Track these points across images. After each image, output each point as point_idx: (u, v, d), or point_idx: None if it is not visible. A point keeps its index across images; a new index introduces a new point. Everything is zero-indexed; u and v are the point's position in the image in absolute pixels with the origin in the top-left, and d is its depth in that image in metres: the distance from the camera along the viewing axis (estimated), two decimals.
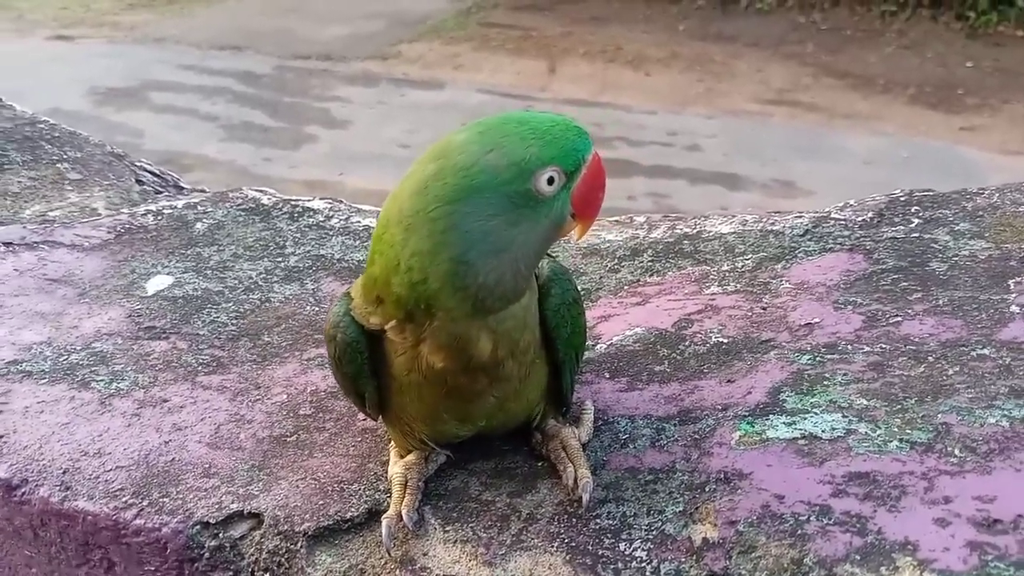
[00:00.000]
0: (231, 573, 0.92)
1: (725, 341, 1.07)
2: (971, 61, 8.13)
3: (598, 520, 0.84)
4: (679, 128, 6.91)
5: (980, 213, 1.22)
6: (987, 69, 7.99)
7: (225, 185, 1.74)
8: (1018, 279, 1.05)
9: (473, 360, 0.82)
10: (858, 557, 0.71)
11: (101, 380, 1.14)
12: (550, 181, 0.77)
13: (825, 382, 0.94)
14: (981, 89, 7.59)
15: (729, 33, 8.88)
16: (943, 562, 0.69)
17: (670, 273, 1.28)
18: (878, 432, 0.84)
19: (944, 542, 0.71)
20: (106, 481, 0.99)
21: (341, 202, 1.64)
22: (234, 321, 1.26)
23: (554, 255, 1.42)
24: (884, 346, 0.98)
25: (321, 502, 0.92)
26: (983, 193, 1.28)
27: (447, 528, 0.87)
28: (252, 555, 0.91)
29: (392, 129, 6.79)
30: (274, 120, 7.04)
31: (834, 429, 0.86)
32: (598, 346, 1.13)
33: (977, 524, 0.72)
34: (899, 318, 1.03)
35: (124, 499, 0.96)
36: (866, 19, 9.06)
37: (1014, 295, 1.02)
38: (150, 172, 1.81)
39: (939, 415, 0.85)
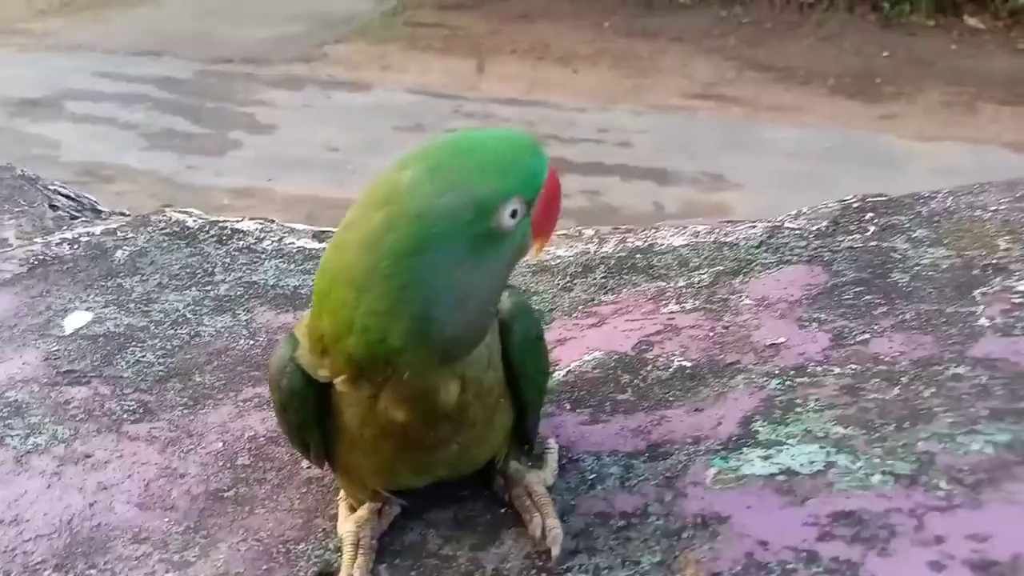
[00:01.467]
0: None
1: (688, 365, 1.02)
2: (887, 51, 8.32)
3: (569, 574, 0.78)
4: (609, 124, 6.92)
5: (936, 218, 1.20)
6: (902, 58, 8.18)
7: (149, 195, 1.64)
8: (984, 289, 1.03)
9: (439, 409, 0.75)
10: None
11: (16, 435, 1.04)
12: (513, 214, 0.70)
13: (798, 409, 0.89)
14: (897, 78, 7.77)
15: (654, 29, 8.93)
16: None
17: (625, 290, 1.23)
18: (859, 464, 0.80)
19: None
20: (24, 553, 0.89)
21: (272, 222, 1.55)
22: (161, 360, 1.17)
23: None
24: (855, 367, 0.94)
25: (265, 567, 0.84)
26: (936, 197, 1.26)
27: None
28: None
29: (320, 132, 6.65)
30: (197, 126, 6.83)
31: (812, 462, 0.81)
32: (556, 373, 1.07)
33: (973, 566, 0.68)
34: (867, 335, 0.99)
35: (45, 573, 0.87)
36: (785, 12, 9.21)
37: (982, 307, 1.00)
38: (64, 196, 1.69)
39: (920, 443, 0.81)
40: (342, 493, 0.89)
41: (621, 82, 7.79)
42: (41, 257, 1.43)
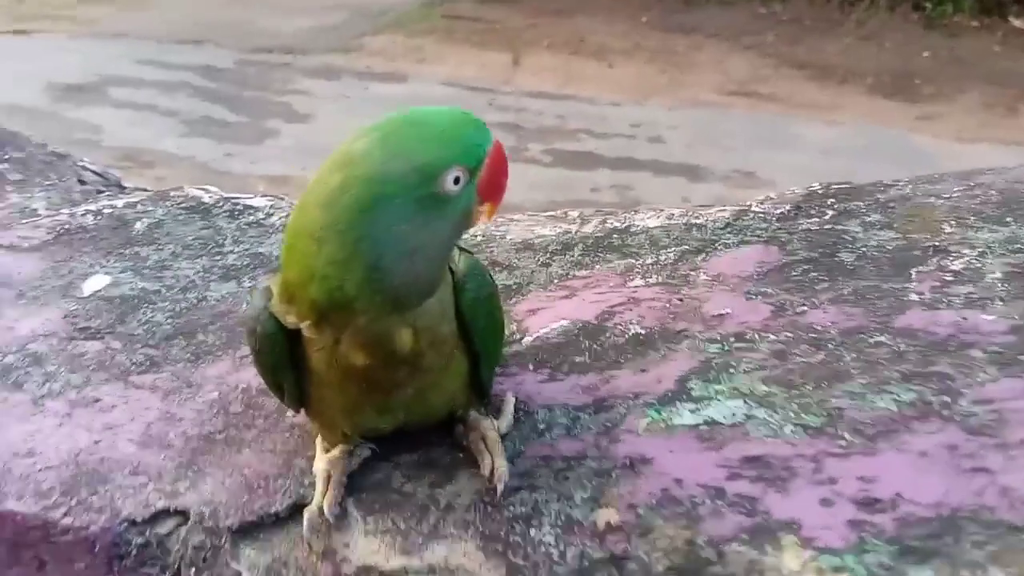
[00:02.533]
0: (158, 568, 0.95)
1: (643, 332, 1.11)
2: (928, 51, 8.24)
3: (511, 507, 0.87)
4: (642, 119, 6.95)
5: (891, 204, 1.27)
6: (943, 59, 8.10)
7: (187, 180, 1.77)
8: (920, 268, 1.10)
9: (396, 354, 0.84)
10: (746, 536, 0.75)
11: (34, 381, 1.15)
12: (456, 180, 0.79)
13: (731, 370, 0.98)
14: (937, 78, 7.70)
15: (691, 24, 8.94)
16: (824, 540, 0.73)
17: (598, 266, 1.32)
18: (775, 417, 0.88)
19: (826, 521, 0.75)
20: (36, 481, 1.00)
21: (282, 199, 1.66)
22: (169, 320, 1.28)
23: (490, 250, 1.46)
24: (788, 335, 1.02)
25: (246, 497, 0.95)
26: (897, 185, 1.33)
27: (368, 520, 0.90)
28: (178, 551, 0.94)
29: (355, 122, 6.61)
30: (235, 115, 7.00)
31: (734, 415, 0.90)
32: (525, 339, 1.16)
33: (858, 503, 0.76)
34: (805, 307, 1.07)
35: (53, 499, 0.98)
36: (825, 10, 9.16)
37: (914, 283, 1.07)
38: (92, 172, 1.82)
39: (833, 400, 0.89)
40: (320, 438, 0.99)
41: (656, 77, 7.82)
42: (67, 226, 1.55)
